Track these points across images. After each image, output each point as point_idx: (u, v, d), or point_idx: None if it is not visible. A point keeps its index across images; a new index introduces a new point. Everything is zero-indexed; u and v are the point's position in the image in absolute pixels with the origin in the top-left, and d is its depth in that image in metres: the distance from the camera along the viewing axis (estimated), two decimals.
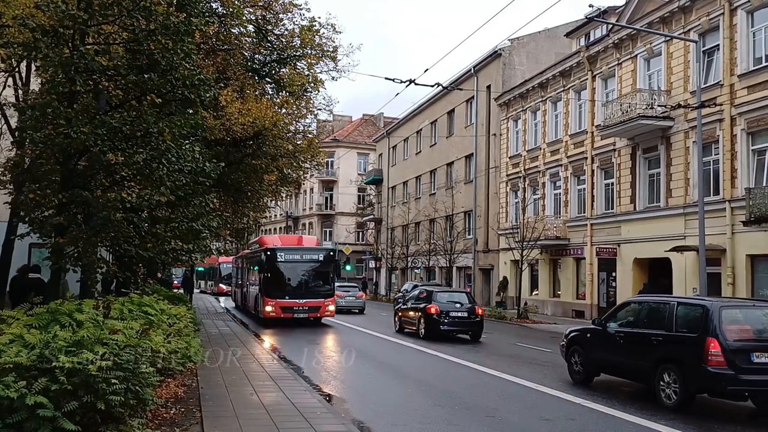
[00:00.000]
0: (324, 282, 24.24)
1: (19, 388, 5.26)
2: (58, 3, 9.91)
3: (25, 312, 7.53)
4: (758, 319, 10.19)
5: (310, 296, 23.50)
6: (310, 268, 24.14)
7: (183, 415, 8.02)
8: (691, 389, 9.83)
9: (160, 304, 10.34)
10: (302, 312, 23.15)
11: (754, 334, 9.92)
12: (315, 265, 24.22)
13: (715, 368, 9.41)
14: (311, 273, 24.13)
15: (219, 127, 17.93)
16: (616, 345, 11.39)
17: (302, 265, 24.05)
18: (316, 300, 23.52)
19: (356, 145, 65.46)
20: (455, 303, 20.24)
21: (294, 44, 20.62)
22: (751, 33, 21.01)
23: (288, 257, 23.81)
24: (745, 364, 9.43)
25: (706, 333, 9.62)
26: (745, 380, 9.36)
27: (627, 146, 26.12)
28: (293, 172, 25.52)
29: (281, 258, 23.65)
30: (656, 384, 10.29)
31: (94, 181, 11.12)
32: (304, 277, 23.96)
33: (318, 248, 26.26)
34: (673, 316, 10.44)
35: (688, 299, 11.70)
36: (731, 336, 9.61)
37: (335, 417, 8.39)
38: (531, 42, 37.39)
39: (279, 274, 23.69)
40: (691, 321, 10.14)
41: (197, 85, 11.13)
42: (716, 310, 9.75)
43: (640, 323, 11.17)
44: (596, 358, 11.93)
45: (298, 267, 23.98)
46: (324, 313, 23.76)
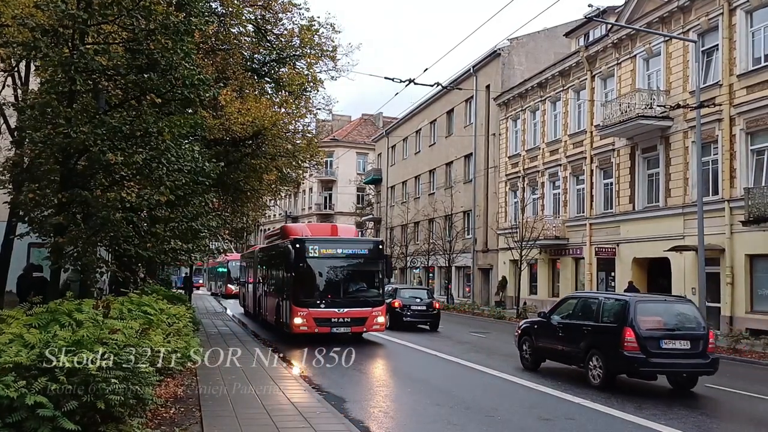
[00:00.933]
0: (371, 284, 18.68)
1: (18, 388, 5.26)
2: (57, 2, 9.91)
3: (24, 311, 7.54)
4: (668, 312, 11.99)
5: (352, 304, 17.74)
6: (352, 265, 18.47)
7: (183, 414, 8.02)
8: (612, 371, 11.51)
9: (160, 304, 10.36)
10: (343, 325, 17.48)
11: (664, 324, 11.64)
12: (359, 262, 18.56)
13: (630, 353, 11.12)
14: (354, 272, 18.65)
15: (218, 126, 17.92)
16: (557, 334, 13.03)
17: (342, 261, 18.24)
18: (361, 309, 17.74)
19: (355, 145, 65.45)
20: (416, 298, 23.44)
21: (293, 44, 20.61)
22: (750, 33, 21.03)
23: (324, 251, 17.95)
24: (655, 349, 11.18)
25: (624, 323, 11.34)
26: (655, 363, 11.14)
27: (626, 146, 26.14)
28: (292, 172, 25.50)
29: (314, 252, 17.76)
30: (586, 367, 11.89)
31: (93, 181, 11.13)
32: (345, 278, 18.40)
33: (362, 239, 22.70)
34: (600, 309, 12.21)
35: (613, 295, 14.04)
36: (644, 326, 11.32)
37: (335, 417, 8.40)
38: (530, 42, 37.40)
39: (312, 275, 17.87)
40: (614, 313, 11.87)
41: (197, 84, 11.14)
42: (633, 304, 11.48)
43: (576, 316, 12.85)
44: (542, 347, 13.54)
45: (336, 264, 18.23)
46: (371, 326, 17.91)
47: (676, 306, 12.33)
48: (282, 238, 20.31)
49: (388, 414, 9.34)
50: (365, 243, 20.44)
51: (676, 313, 11.97)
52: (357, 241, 20.44)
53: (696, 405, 10.63)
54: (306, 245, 17.74)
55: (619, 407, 9.92)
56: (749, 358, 16.26)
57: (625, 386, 11.95)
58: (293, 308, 17.33)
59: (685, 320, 11.81)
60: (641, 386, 12.12)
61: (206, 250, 19.67)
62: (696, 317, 11.89)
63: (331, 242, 18.56)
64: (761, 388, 12.35)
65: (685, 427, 8.82)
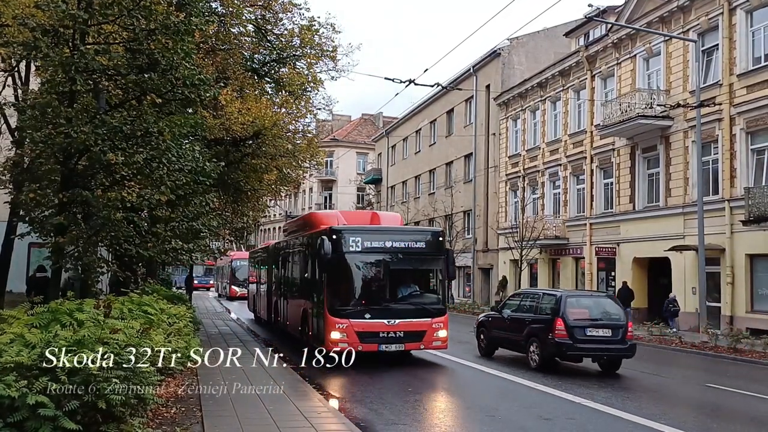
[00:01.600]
0: (429, 287, 14.74)
1: (20, 388, 5.27)
2: (58, 2, 9.92)
3: (25, 311, 7.55)
4: (594, 305, 14.05)
5: (406, 313, 13.61)
6: (405, 262, 14.32)
7: (183, 414, 8.03)
8: (546, 355, 13.38)
9: (160, 304, 10.37)
10: (394, 341, 13.36)
11: (590, 315, 13.54)
12: (414, 258, 14.42)
13: (560, 339, 12.98)
14: (408, 272, 14.60)
15: (219, 126, 17.93)
16: (506, 325, 14.95)
17: (392, 257, 14.07)
18: (418, 320, 13.61)
19: (355, 145, 65.47)
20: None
21: (293, 44, 20.61)
22: (750, 32, 21.03)
23: (368, 244, 13.76)
24: (581, 336, 13.04)
25: (556, 314, 13.21)
26: (580, 348, 13.08)
27: (626, 146, 26.14)
28: (293, 172, 25.49)
29: (356, 245, 13.60)
30: (527, 352, 13.84)
31: (94, 181, 11.15)
32: (396, 280, 14.23)
33: (417, 229, 18.61)
34: (539, 303, 14.25)
35: (548, 291, 16.11)
36: (572, 317, 13.17)
37: (336, 417, 8.40)
38: (530, 42, 37.39)
39: (353, 275, 13.86)
40: (549, 307, 13.70)
41: (197, 84, 11.15)
42: (563, 299, 13.49)
43: (521, 309, 14.91)
44: (494, 336, 15.44)
45: (385, 261, 14.06)
46: (430, 342, 13.71)
47: (600, 300, 14.64)
48: (308, 229, 16.19)
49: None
50: (422, 234, 15.89)
51: (600, 306, 13.94)
52: (411, 231, 16.82)
53: (696, 405, 10.63)
54: (345, 237, 13.50)
55: (620, 407, 9.92)
56: (750, 358, 16.27)
57: (626, 386, 11.96)
58: (328, 319, 13.14)
59: (608, 312, 13.68)
60: (642, 386, 12.13)
61: (207, 250, 19.66)
62: (618, 309, 13.88)
63: (378, 232, 14.25)
64: (761, 387, 12.35)
65: (686, 426, 8.82)
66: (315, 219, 16.57)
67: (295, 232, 18.96)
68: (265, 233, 76.84)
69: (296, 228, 19.04)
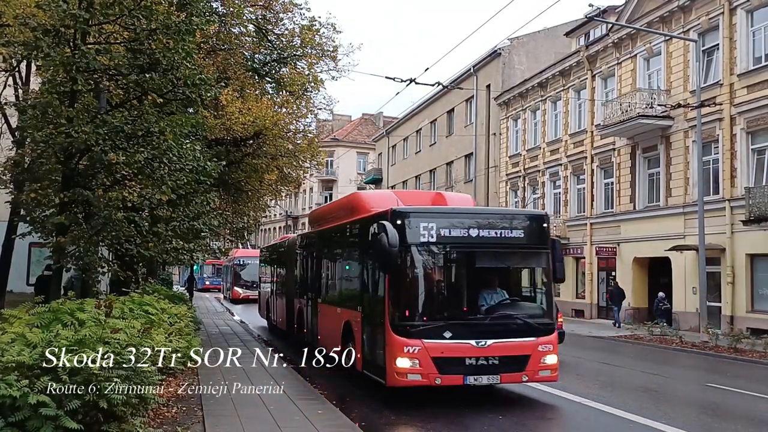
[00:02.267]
0: (532, 294, 11.01)
1: (21, 387, 5.28)
2: (59, 2, 9.93)
3: (26, 310, 7.56)
4: None
5: (501, 331, 9.83)
6: (498, 259, 10.42)
7: (184, 413, 8.04)
8: None
9: (161, 304, 10.38)
10: (486, 371, 9.60)
11: None
12: (509, 253, 10.45)
13: None
14: (502, 272, 10.74)
15: (219, 126, 17.94)
16: None
17: (479, 251, 10.16)
18: (518, 340, 9.88)
19: (356, 145, 65.48)
20: None
21: (294, 44, 20.62)
22: (750, 32, 21.03)
23: (446, 232, 9.85)
24: None
25: None
26: None
27: (627, 146, 26.14)
28: (293, 172, 25.50)
29: (430, 234, 9.75)
30: None
31: (95, 181, 11.16)
32: (485, 284, 10.36)
33: (513, 212, 14.11)
34: None
35: None
36: None
37: (337, 416, 8.41)
38: (530, 41, 37.39)
39: (426, 276, 10.00)
40: None
41: (198, 84, 11.16)
42: None
43: None
44: None
45: (469, 257, 10.21)
46: (536, 370, 9.91)
47: None
48: (353, 214, 12.27)
49: None
50: (520, 218, 10.67)
51: None
52: (505, 214, 11.45)
53: (697, 404, 10.64)
54: (414, 222, 9.67)
55: (621, 406, 9.92)
56: (750, 358, 16.27)
57: (627, 386, 11.96)
58: (391, 338, 9.39)
59: None
60: (642, 386, 12.13)
61: (207, 250, 19.67)
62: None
63: (461, 216, 10.19)
64: (762, 387, 12.35)
65: (686, 426, 8.82)
66: (363, 201, 12.36)
67: (329, 220, 14.44)
68: (266, 233, 76.85)
69: (331, 215, 14.61)
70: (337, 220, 13.56)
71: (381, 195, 13.75)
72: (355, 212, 12.34)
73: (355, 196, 13.93)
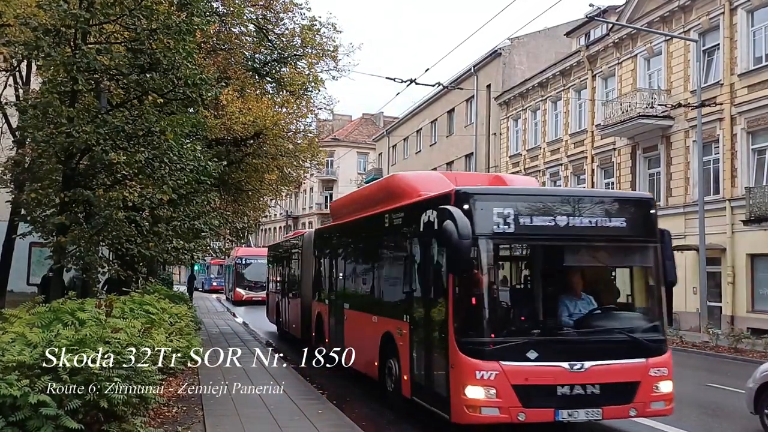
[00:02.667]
0: (638, 301, 8.55)
1: (22, 387, 5.29)
2: (59, 2, 9.95)
3: (27, 310, 7.57)
4: None
5: (602, 350, 7.45)
6: (591, 255, 8.18)
7: (185, 413, 8.04)
8: None
9: (161, 303, 10.39)
10: (584, 402, 7.23)
11: None
12: (607, 248, 8.11)
13: None
14: (599, 272, 8.70)
15: (220, 126, 17.95)
16: None
17: (570, 245, 7.86)
18: (624, 362, 7.52)
19: (356, 145, 65.49)
20: None
21: (294, 43, 20.63)
22: (751, 32, 21.03)
23: (527, 221, 7.44)
24: None
25: None
26: None
27: (627, 145, 26.13)
28: (294, 172, 25.50)
29: (508, 222, 7.29)
30: None
31: (95, 180, 11.18)
32: (576, 287, 7.96)
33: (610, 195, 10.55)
34: None
35: None
36: None
37: (337, 416, 8.41)
38: (531, 41, 37.38)
39: (503, 278, 8.36)
40: None
41: (198, 84, 11.17)
42: None
43: None
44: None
45: (558, 253, 7.94)
46: (646, 402, 7.63)
47: None
48: (395, 200, 9.93)
49: None
50: (621, 203, 8.29)
51: None
52: (603, 197, 8.65)
53: (697, 404, 10.62)
54: (487, 208, 7.40)
55: None
56: (751, 358, 16.25)
57: None
58: (458, 359, 7.23)
59: None
60: None
61: (207, 250, 19.67)
62: None
63: (548, 199, 7.98)
64: None
65: (687, 426, 8.83)
66: (407, 183, 10.05)
67: (358, 209, 12.10)
68: (266, 233, 76.86)
69: (361, 204, 12.21)
70: (370, 209, 11.13)
71: (427, 177, 10.81)
72: (396, 198, 9.97)
73: (396, 179, 10.98)
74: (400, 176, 11.04)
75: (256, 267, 35.57)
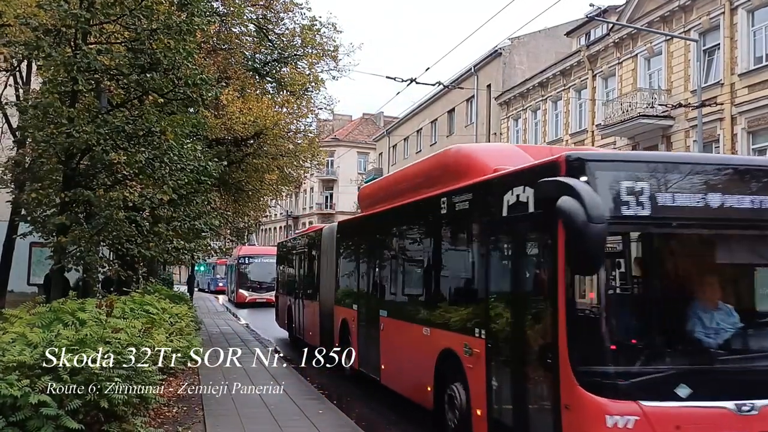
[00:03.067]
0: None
1: (22, 387, 5.29)
2: (60, 2, 9.95)
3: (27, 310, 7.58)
4: None
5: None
6: (759, 248, 5.70)
7: (185, 413, 8.04)
8: None
9: (162, 303, 10.40)
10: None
11: None
12: None
13: None
14: (756, 274, 5.88)
15: (220, 126, 17.95)
16: None
17: (728, 233, 5.54)
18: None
19: (356, 144, 65.52)
20: None
21: (295, 43, 20.62)
22: (751, 32, 21.03)
23: (670, 198, 5.21)
24: None
25: None
26: None
27: (627, 145, 26.10)
28: (294, 171, 25.50)
29: (641, 201, 5.11)
30: None
31: (96, 180, 11.18)
32: (734, 295, 5.69)
33: None
34: None
35: None
36: None
37: (338, 416, 8.41)
38: (531, 41, 37.38)
39: (642, 282, 5.66)
40: None
41: (199, 84, 11.16)
42: None
43: None
44: None
45: (709, 246, 5.68)
46: None
47: None
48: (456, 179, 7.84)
49: None
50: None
51: None
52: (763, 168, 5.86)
53: None
54: (613, 181, 5.22)
55: None
56: None
57: None
58: (578, 397, 5.01)
59: None
60: None
61: (208, 250, 19.66)
62: None
63: (694, 168, 5.62)
64: None
65: None
66: (476, 157, 7.99)
67: (402, 193, 9.81)
68: (266, 233, 76.90)
69: (406, 186, 9.86)
70: (419, 192, 8.92)
71: (499, 149, 9.34)
72: (458, 176, 7.71)
73: (460, 152, 8.53)
74: (465, 149, 8.79)
75: (261, 266, 34.38)
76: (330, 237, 13.79)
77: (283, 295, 19.84)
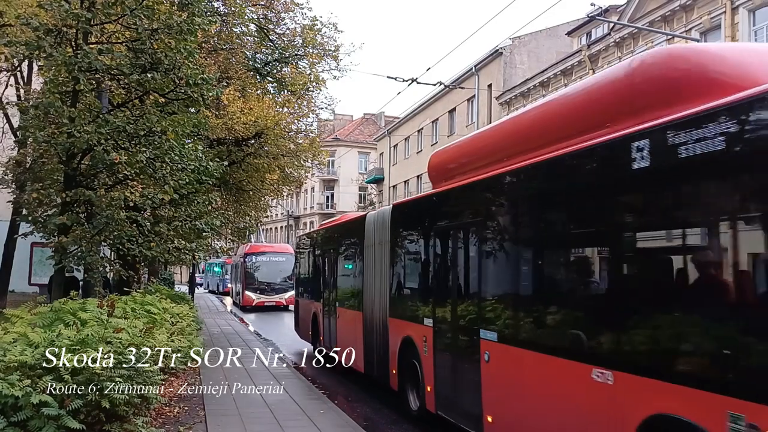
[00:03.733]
0: None
1: (23, 387, 5.29)
2: (61, 2, 9.93)
3: (29, 310, 7.57)
4: None
5: None
6: None
7: (186, 413, 8.04)
8: None
9: (163, 303, 10.40)
10: None
11: None
12: None
13: None
14: None
15: (221, 126, 17.94)
16: None
17: None
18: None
19: (357, 144, 65.52)
20: None
21: (296, 43, 20.63)
22: (752, 32, 21.00)
23: None
24: None
25: None
26: None
27: None
28: (295, 171, 25.49)
29: None
30: None
31: (97, 180, 11.16)
32: None
33: None
34: None
35: None
36: None
37: (339, 416, 8.40)
38: (532, 41, 37.37)
39: None
40: None
41: (200, 84, 11.14)
42: None
43: None
44: None
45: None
46: None
47: None
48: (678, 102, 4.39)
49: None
50: None
51: None
52: None
53: None
54: None
55: None
56: None
57: None
58: None
59: None
60: None
61: (209, 250, 19.64)
62: None
63: None
64: None
65: None
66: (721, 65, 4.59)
67: (530, 145, 6.37)
68: (267, 233, 76.94)
69: (556, 124, 6.24)
70: (562, 142, 5.78)
71: (755, 49, 5.98)
72: (682, 97, 4.51)
73: (683, 56, 5.22)
74: (688, 51, 5.46)
75: (270, 265, 32.55)
76: (380, 226, 10.64)
77: (305, 300, 16.54)
